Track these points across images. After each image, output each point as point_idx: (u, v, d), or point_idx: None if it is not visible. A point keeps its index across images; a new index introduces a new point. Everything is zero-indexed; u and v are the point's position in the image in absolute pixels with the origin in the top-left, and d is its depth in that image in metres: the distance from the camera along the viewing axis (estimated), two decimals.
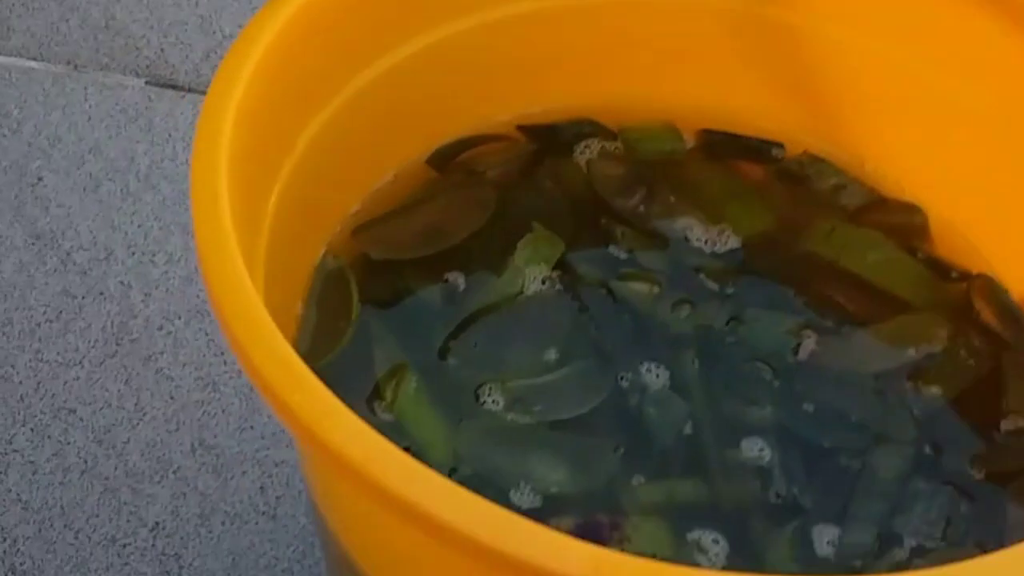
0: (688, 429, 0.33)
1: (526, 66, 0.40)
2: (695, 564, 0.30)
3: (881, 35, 0.37)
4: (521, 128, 0.41)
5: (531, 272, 0.36)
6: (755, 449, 0.32)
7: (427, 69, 0.38)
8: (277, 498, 0.46)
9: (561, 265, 0.37)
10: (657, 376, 0.34)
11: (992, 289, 0.36)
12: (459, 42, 0.38)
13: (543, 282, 0.36)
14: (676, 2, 0.39)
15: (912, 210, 0.38)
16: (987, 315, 0.36)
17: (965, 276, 0.37)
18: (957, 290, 0.37)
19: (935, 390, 0.34)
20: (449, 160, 0.39)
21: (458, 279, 0.36)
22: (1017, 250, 0.36)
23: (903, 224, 0.38)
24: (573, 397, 0.33)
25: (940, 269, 0.37)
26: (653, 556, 0.30)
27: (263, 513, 0.46)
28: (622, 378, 0.34)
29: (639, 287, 0.36)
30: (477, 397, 0.33)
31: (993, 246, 0.37)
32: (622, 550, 0.30)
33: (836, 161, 0.40)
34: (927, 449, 0.33)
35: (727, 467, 0.32)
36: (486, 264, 0.36)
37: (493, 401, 0.33)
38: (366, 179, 0.38)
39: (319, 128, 0.35)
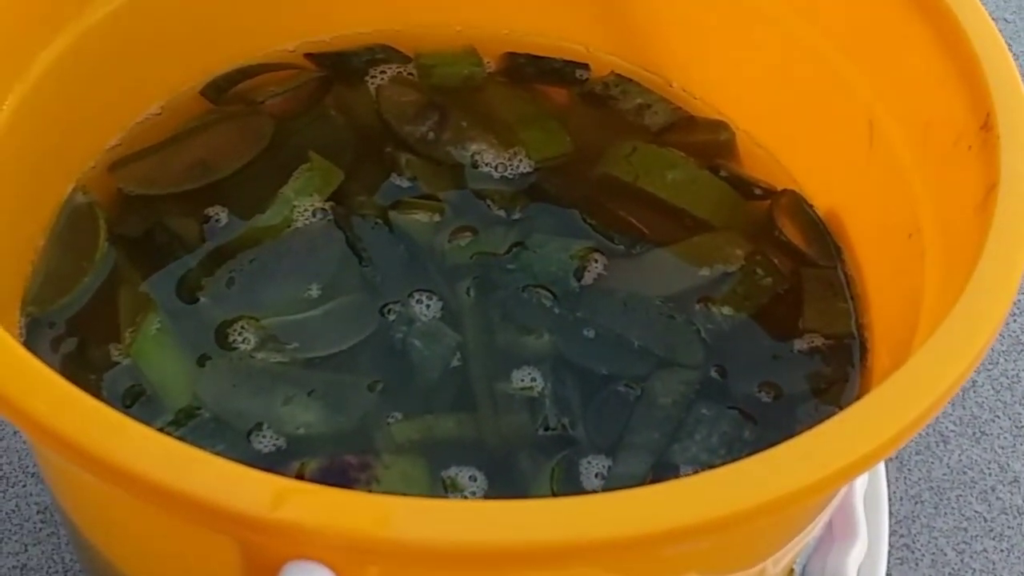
0: (456, 362, 0.30)
1: None
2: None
3: None
4: (309, 56, 0.38)
5: (302, 203, 0.33)
6: (526, 379, 0.30)
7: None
8: None
9: (338, 197, 0.34)
10: (428, 307, 0.31)
11: (797, 204, 0.34)
12: None
13: (314, 214, 0.33)
14: None
15: (719, 127, 0.36)
16: (790, 231, 0.33)
17: (770, 193, 0.34)
18: (760, 208, 0.34)
19: (727, 311, 0.31)
20: (225, 91, 0.36)
21: (220, 214, 0.33)
22: (821, 165, 0.34)
23: (709, 142, 0.36)
24: (333, 334, 0.31)
25: (743, 187, 0.34)
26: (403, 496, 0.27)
27: None
28: (389, 311, 0.31)
29: (418, 216, 0.33)
30: (227, 336, 0.30)
31: (799, 162, 0.34)
32: (370, 491, 0.27)
33: (643, 81, 0.37)
34: (713, 373, 0.30)
35: (495, 400, 0.29)
36: (254, 198, 0.33)
37: (243, 340, 0.30)
38: (126, 110, 0.35)
39: (61, 52, 0.32)
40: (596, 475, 0.28)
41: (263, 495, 0.20)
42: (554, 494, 0.27)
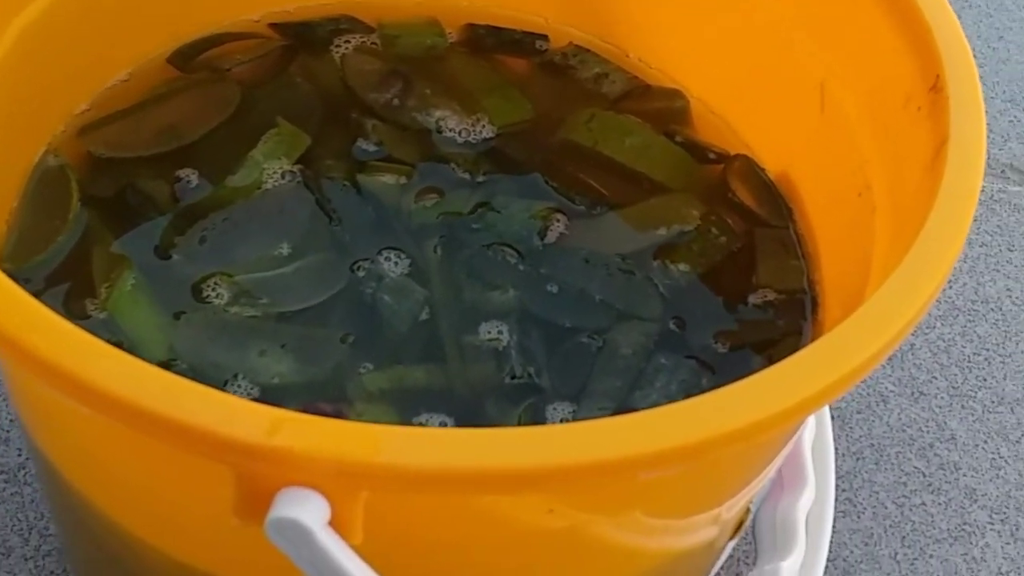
0: (424, 315, 0.31)
1: None
2: None
3: None
4: (274, 26, 0.38)
5: (271, 166, 0.34)
6: (493, 332, 0.31)
7: None
8: None
9: (306, 160, 0.35)
10: (396, 264, 0.32)
11: (749, 168, 0.35)
12: None
13: (283, 176, 0.34)
14: None
15: (674, 95, 0.37)
16: (743, 194, 0.35)
17: (723, 157, 0.36)
18: (714, 171, 0.35)
19: (683, 267, 0.33)
20: (192, 59, 0.37)
21: (191, 176, 0.34)
22: (773, 130, 0.35)
23: (664, 109, 0.37)
24: (304, 289, 0.31)
25: (698, 152, 0.36)
26: None
27: None
28: (359, 268, 0.32)
29: (385, 179, 0.34)
30: (201, 292, 0.31)
31: (751, 128, 0.36)
32: None
33: (600, 52, 0.38)
34: (671, 325, 0.31)
35: (463, 351, 0.30)
36: (223, 161, 0.34)
37: (217, 296, 0.31)
38: (95, 77, 0.35)
39: (33, 19, 0.32)
40: (561, 420, 0.29)
41: (260, 423, 0.21)
42: None
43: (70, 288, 0.31)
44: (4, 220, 0.32)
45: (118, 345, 0.30)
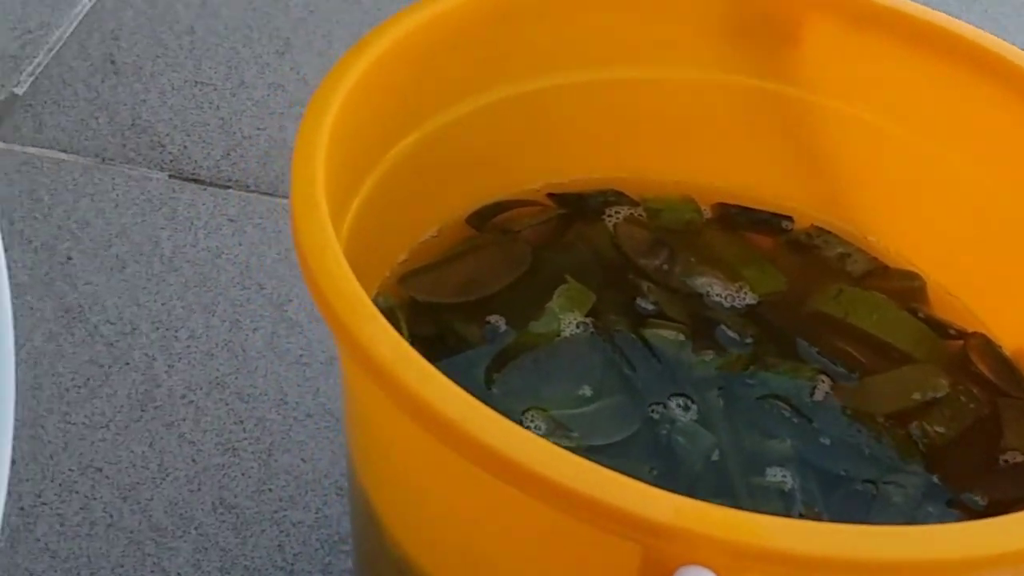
0: (715, 456, 0.35)
1: (555, 138, 0.44)
2: None
3: (881, 111, 0.41)
4: (551, 196, 0.44)
5: (566, 317, 0.39)
6: (778, 475, 0.35)
7: (464, 135, 0.41)
8: (295, 555, 0.48)
9: (593, 314, 0.40)
10: (686, 410, 0.37)
11: (987, 345, 0.40)
12: (490, 113, 0.42)
13: (577, 326, 0.39)
14: (691, 81, 0.43)
15: (911, 276, 0.42)
16: (983, 367, 0.39)
17: (961, 334, 0.40)
18: (955, 346, 0.40)
19: (939, 429, 0.37)
20: (486, 220, 0.43)
21: (499, 321, 0.39)
22: (1008, 310, 0.40)
23: (903, 288, 0.42)
24: (608, 427, 0.36)
25: (938, 327, 0.40)
26: None
27: (281, 568, 0.47)
28: (653, 411, 0.37)
29: (666, 333, 0.39)
30: (522, 422, 0.36)
31: (986, 307, 0.40)
32: None
33: (841, 233, 0.43)
34: (935, 479, 0.36)
35: (752, 490, 0.35)
36: (523, 309, 0.39)
37: (536, 426, 0.36)
38: (412, 233, 0.41)
39: (369, 187, 0.38)
40: None
41: (668, 506, 0.25)
42: None
43: None
44: None
45: None
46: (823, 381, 0.38)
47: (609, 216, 0.44)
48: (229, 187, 0.63)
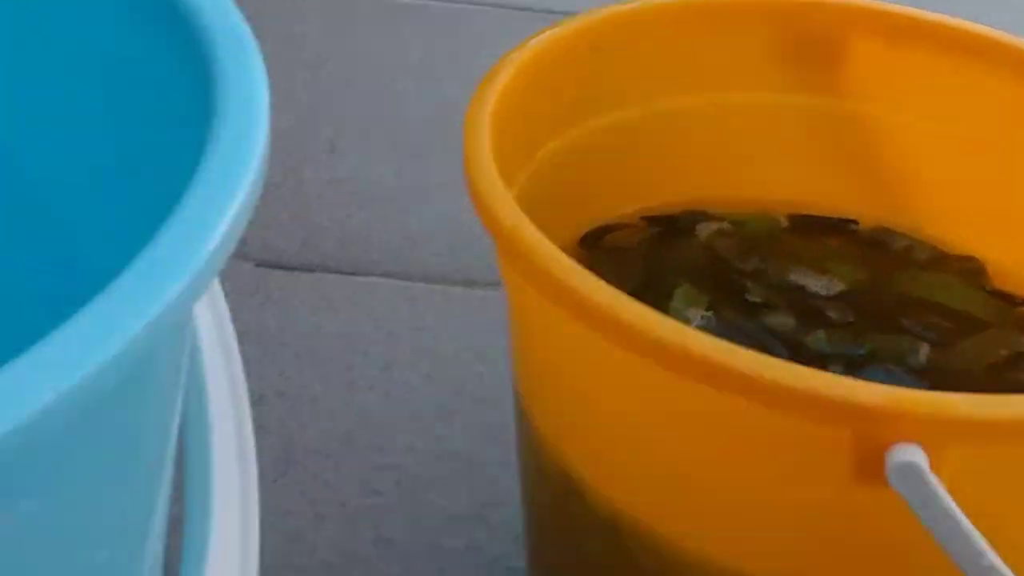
0: None
1: (645, 164, 0.49)
2: None
3: (927, 115, 0.48)
4: (644, 219, 0.49)
5: (691, 312, 0.44)
6: None
7: (566, 165, 0.47)
8: None
9: (711, 309, 0.45)
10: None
11: None
12: (596, 140, 0.47)
13: (702, 319, 0.44)
14: (754, 105, 0.49)
15: (970, 260, 0.48)
16: None
17: None
18: (1022, 313, 0.46)
19: None
20: (596, 241, 0.48)
21: None
22: None
23: (965, 270, 0.48)
24: None
25: (1006, 298, 0.46)
26: None
27: None
28: None
29: (781, 319, 0.44)
30: None
31: None
32: None
33: (902, 229, 0.49)
34: None
35: None
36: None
37: None
38: None
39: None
40: None
41: (876, 392, 0.30)
42: None
43: None
44: None
45: None
46: (924, 347, 0.43)
47: (699, 231, 0.49)
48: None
